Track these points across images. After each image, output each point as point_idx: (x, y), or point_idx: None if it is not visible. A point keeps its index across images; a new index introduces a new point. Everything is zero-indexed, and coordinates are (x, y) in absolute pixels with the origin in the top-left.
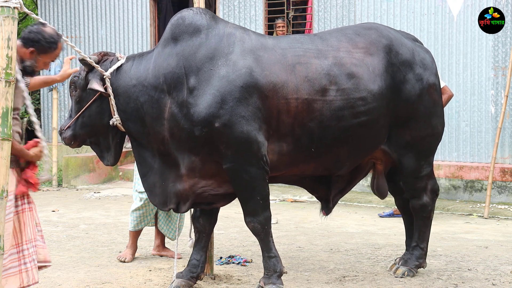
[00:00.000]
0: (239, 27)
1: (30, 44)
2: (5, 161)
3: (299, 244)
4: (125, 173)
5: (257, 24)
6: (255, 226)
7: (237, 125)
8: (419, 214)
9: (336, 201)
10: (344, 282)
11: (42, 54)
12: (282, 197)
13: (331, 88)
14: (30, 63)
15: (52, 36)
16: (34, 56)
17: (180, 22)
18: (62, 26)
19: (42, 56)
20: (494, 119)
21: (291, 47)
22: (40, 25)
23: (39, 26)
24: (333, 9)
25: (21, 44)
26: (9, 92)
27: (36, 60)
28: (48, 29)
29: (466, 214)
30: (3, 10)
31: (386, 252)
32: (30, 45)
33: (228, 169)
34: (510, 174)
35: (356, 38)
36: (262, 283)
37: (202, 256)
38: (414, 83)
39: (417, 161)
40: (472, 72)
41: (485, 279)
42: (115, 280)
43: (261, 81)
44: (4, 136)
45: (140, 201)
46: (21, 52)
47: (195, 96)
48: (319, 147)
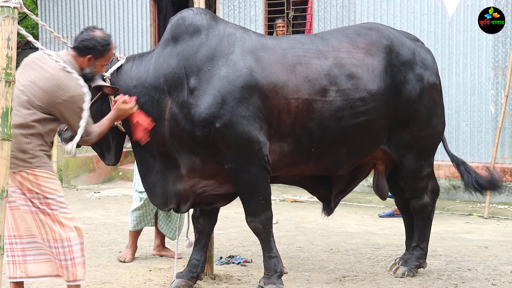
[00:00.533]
0: (239, 27)
1: (86, 52)
2: (5, 161)
3: (299, 244)
4: (125, 173)
5: (257, 24)
6: (257, 226)
7: (238, 125)
8: (419, 214)
9: (337, 202)
10: (344, 282)
11: (99, 59)
12: (282, 197)
13: (331, 88)
14: (89, 70)
15: (104, 38)
16: (92, 62)
17: (180, 22)
18: (62, 26)
19: (99, 60)
20: (494, 119)
21: (291, 47)
22: (89, 30)
23: (89, 32)
24: (333, 9)
25: (76, 54)
26: (9, 92)
27: (94, 66)
28: (97, 33)
29: (466, 214)
30: (3, 10)
31: (386, 252)
32: (87, 53)
33: (229, 169)
34: (510, 174)
35: (357, 38)
36: (262, 283)
37: (202, 256)
38: (414, 83)
39: (417, 161)
40: (472, 72)
41: (485, 279)
42: (115, 280)
43: (262, 81)
44: (4, 136)
45: (140, 201)
46: (79, 61)
47: (195, 97)
48: (319, 147)
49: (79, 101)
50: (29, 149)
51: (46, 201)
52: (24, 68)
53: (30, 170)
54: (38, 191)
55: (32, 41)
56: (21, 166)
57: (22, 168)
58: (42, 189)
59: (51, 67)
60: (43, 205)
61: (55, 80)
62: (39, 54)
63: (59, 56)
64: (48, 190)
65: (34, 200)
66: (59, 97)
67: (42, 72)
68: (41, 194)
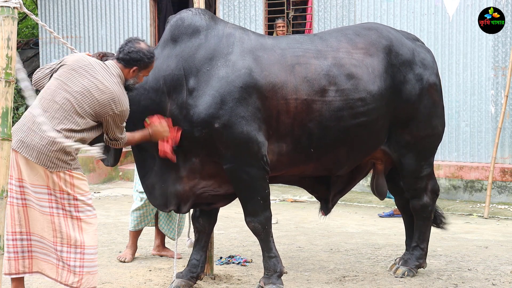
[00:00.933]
0: (238, 28)
1: (133, 64)
2: (5, 161)
3: (299, 244)
4: (125, 173)
5: (257, 24)
6: (256, 226)
7: (237, 125)
8: (419, 214)
9: (335, 201)
10: (344, 282)
11: (143, 70)
12: (282, 197)
13: (330, 88)
14: (133, 81)
15: (150, 51)
16: (136, 74)
17: (179, 23)
18: (62, 26)
19: (142, 71)
20: (494, 119)
21: (290, 48)
22: (134, 42)
23: (134, 44)
24: (333, 9)
25: (122, 65)
26: (9, 92)
27: (137, 77)
28: (143, 45)
29: (466, 214)
30: (3, 10)
31: (386, 252)
32: (133, 65)
33: (228, 169)
34: (510, 174)
35: (356, 38)
36: (262, 283)
37: (202, 256)
38: (414, 83)
39: (417, 162)
40: (472, 72)
41: (485, 279)
42: (115, 280)
43: (261, 81)
44: (4, 136)
45: (140, 201)
46: (124, 72)
47: (194, 97)
48: (318, 148)
49: (126, 116)
50: (72, 151)
51: (76, 202)
52: (71, 74)
53: (68, 171)
54: (71, 191)
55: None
56: (60, 167)
57: (61, 168)
58: (75, 189)
59: (106, 80)
60: (71, 206)
61: (111, 93)
62: (85, 60)
63: (109, 68)
64: (80, 191)
65: (63, 201)
66: (112, 109)
67: (97, 83)
68: (72, 195)
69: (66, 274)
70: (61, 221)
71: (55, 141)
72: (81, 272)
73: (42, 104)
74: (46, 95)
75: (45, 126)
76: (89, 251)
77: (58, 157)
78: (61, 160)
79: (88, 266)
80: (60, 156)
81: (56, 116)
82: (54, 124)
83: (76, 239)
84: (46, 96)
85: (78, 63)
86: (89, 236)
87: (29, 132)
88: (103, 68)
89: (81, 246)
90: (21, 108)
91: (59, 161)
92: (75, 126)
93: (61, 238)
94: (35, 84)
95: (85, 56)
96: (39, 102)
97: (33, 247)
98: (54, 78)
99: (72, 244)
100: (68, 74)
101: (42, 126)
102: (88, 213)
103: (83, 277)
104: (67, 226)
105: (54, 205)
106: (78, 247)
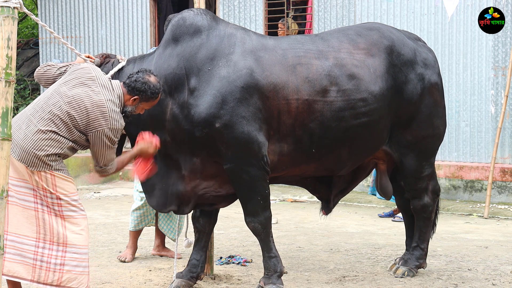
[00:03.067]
0: (240, 28)
1: (136, 93)
2: (5, 161)
3: (299, 244)
4: (125, 173)
5: (257, 24)
6: (256, 226)
7: (238, 125)
8: (420, 214)
9: (336, 201)
10: (344, 282)
11: (143, 102)
12: (282, 197)
13: (332, 89)
14: (130, 109)
15: (156, 86)
16: (136, 103)
17: (181, 23)
18: (62, 26)
19: (143, 103)
20: (494, 119)
21: (291, 48)
22: (145, 73)
23: (144, 75)
24: (333, 9)
25: (126, 91)
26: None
27: (137, 107)
28: (152, 79)
29: (466, 214)
30: (3, 10)
31: (386, 252)
32: (136, 94)
33: (228, 169)
34: (510, 174)
35: (358, 38)
36: (262, 283)
37: (202, 256)
38: (416, 83)
39: (418, 162)
40: (472, 72)
41: (485, 279)
42: (115, 280)
43: (262, 81)
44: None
45: (140, 201)
46: (126, 97)
47: (195, 97)
48: (319, 148)
49: (116, 136)
50: (52, 153)
51: (59, 201)
52: (72, 81)
53: (50, 171)
54: (53, 191)
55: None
56: (40, 167)
57: (41, 168)
58: (57, 189)
59: (103, 94)
60: (54, 204)
61: (102, 107)
62: (91, 72)
63: (112, 86)
64: (63, 191)
65: (47, 198)
66: (101, 125)
67: (92, 95)
68: (55, 194)
69: (45, 273)
70: (45, 217)
71: (36, 141)
72: (61, 270)
73: (36, 104)
74: (43, 96)
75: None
76: (72, 250)
77: (38, 156)
78: (41, 161)
79: (70, 265)
80: (40, 156)
81: (45, 118)
82: (42, 125)
83: (59, 236)
84: (42, 97)
85: (83, 72)
86: (73, 235)
87: (17, 129)
88: (105, 83)
89: (64, 244)
90: (21, 108)
91: (39, 161)
92: (59, 131)
93: (44, 235)
94: (38, 79)
95: (93, 67)
96: (35, 101)
97: (8, 247)
98: (57, 82)
99: (55, 241)
100: (69, 80)
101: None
102: (72, 213)
103: (63, 275)
104: (51, 222)
105: (39, 201)
106: (61, 244)
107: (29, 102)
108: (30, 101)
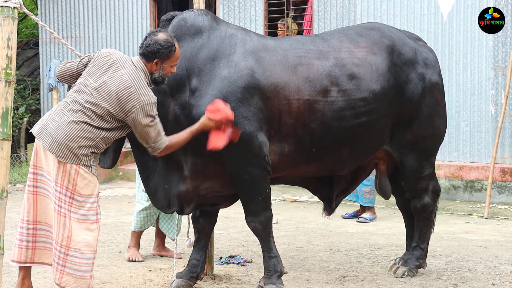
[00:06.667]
0: (240, 28)
1: (152, 57)
2: (5, 161)
3: (299, 244)
4: (125, 173)
5: (257, 24)
6: (256, 226)
7: (239, 125)
8: (420, 214)
9: (339, 201)
10: (344, 282)
11: (165, 61)
12: (282, 197)
13: (333, 89)
14: (158, 74)
15: (167, 40)
16: (160, 66)
17: (182, 23)
18: (62, 26)
19: (166, 62)
20: (494, 119)
21: (292, 48)
22: (152, 35)
23: (152, 36)
24: (333, 9)
25: (145, 60)
26: (9, 92)
27: (163, 68)
28: (160, 36)
29: (466, 214)
30: (3, 10)
31: (386, 252)
32: (153, 58)
33: (229, 169)
34: (510, 174)
35: (358, 38)
36: (262, 283)
37: (202, 256)
38: (417, 82)
39: (418, 161)
40: (472, 72)
41: (485, 279)
42: (115, 280)
43: (263, 82)
44: (4, 136)
45: (147, 201)
46: (148, 67)
47: (197, 97)
48: (320, 148)
49: (152, 110)
50: (84, 145)
51: (71, 201)
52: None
53: (76, 165)
54: (71, 188)
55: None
56: (69, 158)
57: (70, 160)
58: (76, 188)
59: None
60: (66, 203)
61: (128, 86)
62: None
63: (134, 63)
64: (79, 192)
65: (61, 195)
66: (133, 104)
67: (115, 76)
68: (70, 193)
69: (53, 268)
70: (55, 215)
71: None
72: (62, 271)
73: (67, 98)
74: (71, 90)
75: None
76: (74, 254)
77: (71, 148)
78: (72, 153)
79: (70, 268)
80: (73, 148)
81: (77, 109)
82: (74, 117)
83: (63, 238)
84: (71, 91)
85: (105, 59)
86: (78, 239)
87: (51, 120)
88: (126, 63)
89: (67, 247)
90: (21, 108)
91: (70, 153)
92: (92, 122)
93: (51, 233)
94: (62, 77)
95: (112, 51)
96: (66, 96)
97: (38, 236)
98: (82, 75)
99: (59, 241)
100: (93, 71)
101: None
102: (82, 217)
103: (63, 276)
104: (59, 221)
105: (53, 198)
106: (63, 246)
107: (29, 102)
108: (30, 101)
